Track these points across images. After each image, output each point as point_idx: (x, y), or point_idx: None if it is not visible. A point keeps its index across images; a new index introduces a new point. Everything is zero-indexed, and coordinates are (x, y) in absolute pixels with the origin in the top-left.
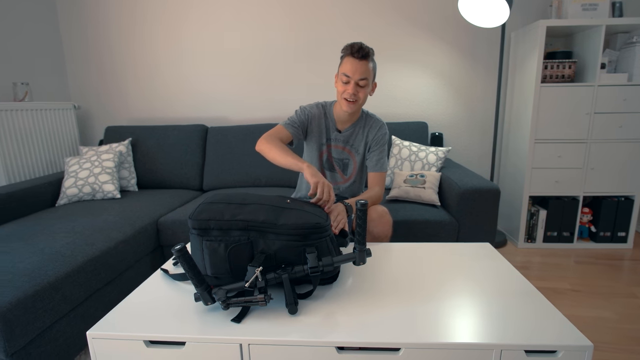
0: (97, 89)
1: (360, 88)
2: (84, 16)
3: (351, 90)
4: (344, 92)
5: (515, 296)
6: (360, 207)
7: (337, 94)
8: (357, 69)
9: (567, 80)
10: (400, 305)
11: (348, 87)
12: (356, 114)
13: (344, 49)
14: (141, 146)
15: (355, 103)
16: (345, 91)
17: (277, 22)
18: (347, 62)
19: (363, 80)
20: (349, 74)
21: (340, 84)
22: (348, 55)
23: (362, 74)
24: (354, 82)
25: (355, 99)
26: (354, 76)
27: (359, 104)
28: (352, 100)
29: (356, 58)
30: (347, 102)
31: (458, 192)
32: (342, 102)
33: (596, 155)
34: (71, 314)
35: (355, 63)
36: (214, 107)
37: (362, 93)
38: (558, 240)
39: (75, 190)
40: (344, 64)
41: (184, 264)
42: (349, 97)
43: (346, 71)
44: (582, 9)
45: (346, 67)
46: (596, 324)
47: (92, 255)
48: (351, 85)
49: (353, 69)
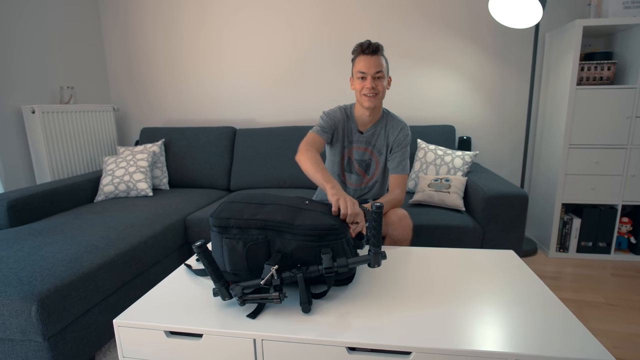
0: (135, 92)
1: (377, 81)
2: (124, 26)
3: (369, 84)
4: (363, 89)
5: (535, 305)
6: (376, 209)
7: (356, 94)
8: (371, 64)
9: (606, 82)
10: (414, 309)
11: (366, 82)
12: (377, 113)
13: (354, 50)
14: (173, 147)
15: (376, 97)
16: (363, 87)
17: (305, 28)
18: (360, 60)
19: (379, 73)
20: (364, 70)
21: (357, 82)
22: (359, 54)
23: (377, 67)
24: (371, 77)
25: (375, 92)
26: (369, 71)
27: (379, 97)
28: (372, 95)
29: (368, 54)
30: (367, 97)
31: (483, 198)
32: (362, 100)
33: (637, 161)
34: (103, 303)
35: (368, 59)
36: (243, 109)
37: (380, 86)
38: (593, 251)
39: (112, 188)
40: (357, 63)
41: (203, 260)
42: (368, 92)
43: (361, 68)
44: (624, 7)
45: (360, 65)
46: (630, 341)
47: (124, 249)
48: (368, 80)
49: (367, 64)
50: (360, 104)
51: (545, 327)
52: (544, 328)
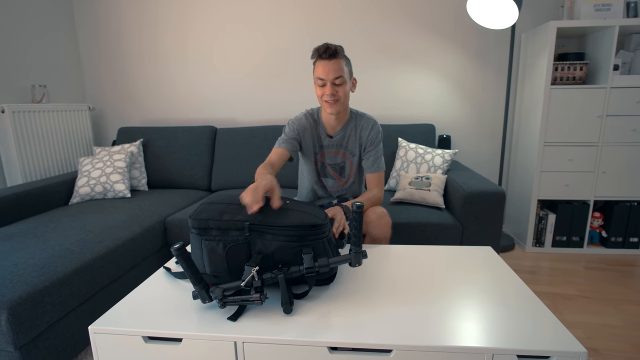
0: (111, 91)
1: (337, 87)
2: (99, 22)
3: (329, 91)
4: (323, 95)
5: (511, 300)
6: (356, 209)
7: (318, 100)
8: (330, 69)
9: (579, 82)
10: (394, 307)
11: (325, 89)
12: (344, 115)
13: (312, 54)
14: (152, 147)
15: (337, 103)
16: (323, 94)
17: (286, 25)
18: (319, 65)
19: (338, 79)
20: (323, 76)
21: (318, 89)
22: (317, 59)
23: (336, 73)
24: (330, 83)
25: (335, 98)
26: (327, 77)
27: (340, 103)
28: (332, 101)
29: (325, 59)
30: (328, 104)
31: (462, 195)
32: (324, 106)
33: (608, 158)
34: (78, 309)
35: (326, 64)
36: (223, 108)
37: (341, 91)
38: (567, 245)
39: (88, 190)
40: (316, 69)
41: (182, 263)
42: (328, 98)
43: (319, 74)
44: (595, 10)
45: (318, 71)
46: (602, 331)
47: (100, 253)
48: (327, 86)
49: (325, 70)
50: (323, 110)
51: (521, 321)
52: (520, 322)
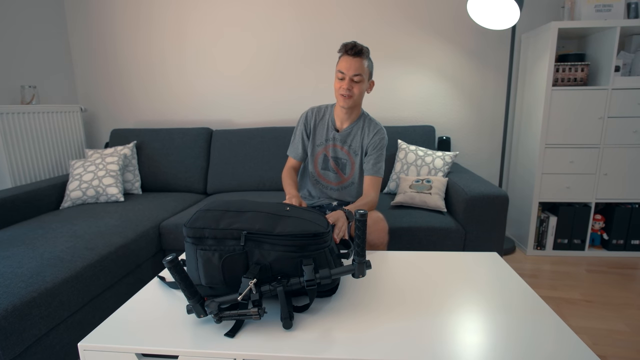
0: (104, 92)
1: (354, 84)
2: (91, 20)
3: (346, 85)
4: (340, 88)
5: (523, 312)
6: (360, 217)
7: (335, 92)
8: (351, 66)
9: (580, 84)
10: (400, 320)
11: (343, 83)
12: (355, 113)
13: (340, 48)
14: (146, 149)
15: (351, 98)
16: (340, 87)
17: (283, 25)
18: (342, 60)
19: (357, 76)
20: (344, 71)
21: (337, 82)
22: (343, 54)
23: (356, 70)
24: (349, 78)
25: (350, 94)
26: (348, 72)
27: (354, 99)
28: (347, 95)
29: (350, 55)
30: (342, 97)
31: (465, 199)
32: (338, 98)
33: (609, 160)
34: (69, 320)
35: (349, 60)
36: (219, 110)
37: (356, 89)
38: (569, 248)
39: (79, 194)
40: (339, 62)
41: (175, 276)
42: (344, 92)
43: (341, 68)
44: (596, 10)
45: (341, 65)
46: (608, 337)
47: (92, 261)
48: (346, 81)
49: (347, 65)
50: (337, 102)
51: (535, 334)
52: (534, 336)
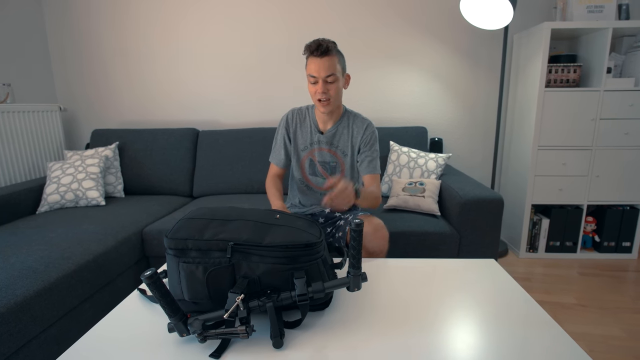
0: (85, 90)
1: (329, 85)
2: (71, 15)
3: (320, 89)
4: (315, 93)
5: (525, 324)
6: (355, 227)
7: (311, 97)
8: (321, 67)
9: (572, 85)
10: (398, 336)
11: (317, 87)
12: (337, 112)
13: (304, 50)
14: (129, 150)
15: (329, 102)
16: (315, 92)
17: (272, 25)
18: (310, 62)
19: (330, 77)
20: (314, 74)
21: (310, 86)
22: (309, 56)
23: (328, 70)
24: (322, 81)
25: (327, 97)
26: (319, 74)
27: (332, 102)
28: (325, 100)
29: (317, 56)
30: (321, 102)
31: (459, 202)
32: (317, 105)
33: (601, 162)
34: (42, 335)
35: (318, 61)
36: (206, 110)
37: (333, 90)
38: (561, 250)
39: (57, 197)
40: (308, 66)
41: (155, 292)
42: (320, 96)
43: (311, 72)
44: (588, 11)
45: (310, 68)
46: (605, 343)
47: (68, 271)
48: (319, 84)
49: (317, 67)
50: (316, 107)
51: (538, 347)
52: (536, 348)
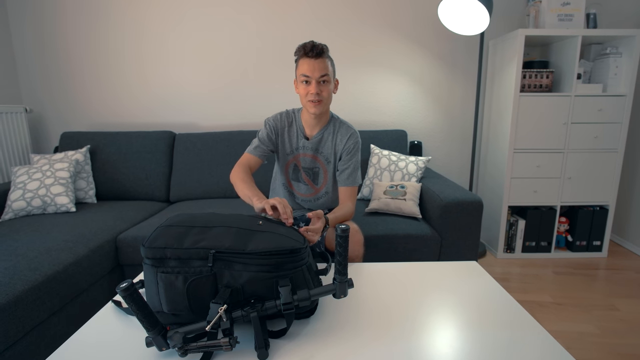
0: (53, 91)
1: (322, 86)
2: (36, 12)
3: (314, 89)
4: (307, 94)
5: (508, 325)
6: (341, 232)
7: (301, 99)
8: (316, 67)
9: (545, 90)
10: (385, 342)
11: (310, 87)
12: (324, 117)
13: (297, 51)
14: (101, 154)
15: (321, 103)
16: (308, 93)
17: (252, 27)
18: (303, 63)
19: (324, 77)
20: (308, 74)
21: (301, 87)
22: (302, 56)
23: (322, 71)
24: (315, 81)
25: (319, 98)
26: (313, 75)
27: (324, 104)
28: (317, 101)
29: (311, 57)
30: (312, 103)
31: (440, 205)
32: (307, 106)
33: (573, 165)
34: (6, 354)
35: (312, 62)
36: (183, 112)
37: (325, 91)
38: (536, 250)
39: (23, 204)
40: (300, 66)
41: (131, 305)
42: (313, 97)
43: (304, 72)
44: (558, 19)
45: (303, 68)
46: (581, 340)
47: (35, 282)
48: (313, 85)
49: (311, 68)
50: (306, 109)
51: (522, 348)
52: (521, 349)
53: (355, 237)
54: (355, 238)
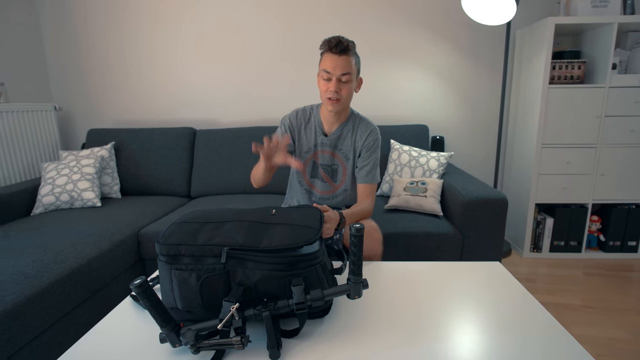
0: (80, 89)
1: (343, 84)
2: (67, 12)
3: (333, 87)
4: (327, 91)
5: (535, 333)
6: (355, 232)
7: (321, 94)
8: (338, 64)
9: (577, 82)
10: (401, 345)
11: (330, 84)
12: (344, 114)
13: (322, 45)
14: (125, 150)
15: (339, 102)
16: (327, 89)
17: (269, 21)
18: (327, 58)
19: (345, 76)
20: (330, 70)
21: (322, 83)
22: (327, 51)
23: (344, 69)
24: (336, 79)
25: (338, 96)
26: (334, 72)
27: (342, 102)
28: (335, 99)
29: (335, 53)
30: (330, 101)
31: (462, 202)
32: (326, 102)
33: (606, 160)
34: (34, 343)
35: (335, 58)
36: (204, 109)
37: (345, 90)
38: (565, 250)
39: (52, 199)
40: (323, 61)
41: (145, 301)
42: (331, 95)
43: (326, 67)
44: (592, 6)
45: (326, 64)
46: (611, 346)
47: (61, 275)
48: (333, 82)
49: (333, 64)
50: (324, 106)
51: (547, 356)
52: (546, 358)
53: (374, 235)
54: (374, 236)
